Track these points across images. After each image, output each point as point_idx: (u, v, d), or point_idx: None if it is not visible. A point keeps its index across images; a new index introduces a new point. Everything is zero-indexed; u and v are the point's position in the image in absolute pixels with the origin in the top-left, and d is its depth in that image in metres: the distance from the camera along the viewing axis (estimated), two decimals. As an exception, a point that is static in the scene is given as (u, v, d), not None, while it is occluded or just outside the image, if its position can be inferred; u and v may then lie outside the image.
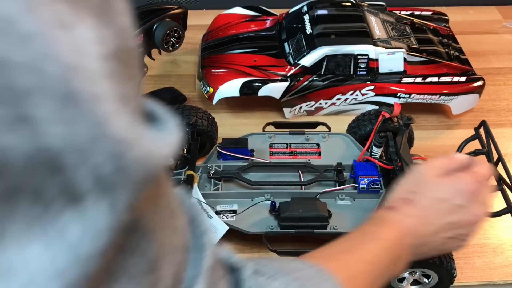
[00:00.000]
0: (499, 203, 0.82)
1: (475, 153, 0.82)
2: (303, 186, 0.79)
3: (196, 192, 0.75)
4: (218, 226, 0.74)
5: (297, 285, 0.37)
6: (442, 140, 1.00)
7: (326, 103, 1.01)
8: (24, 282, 0.19)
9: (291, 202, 0.74)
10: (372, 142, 0.81)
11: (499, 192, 0.75)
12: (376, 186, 0.77)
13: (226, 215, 0.76)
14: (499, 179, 0.76)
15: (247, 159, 0.82)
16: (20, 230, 0.19)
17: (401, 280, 0.73)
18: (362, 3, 1.09)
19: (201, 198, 0.75)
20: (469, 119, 1.04)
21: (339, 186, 0.79)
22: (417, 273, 0.72)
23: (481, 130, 0.83)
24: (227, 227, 0.74)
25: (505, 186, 0.75)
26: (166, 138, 0.23)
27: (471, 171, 0.55)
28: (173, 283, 0.27)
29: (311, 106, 1.01)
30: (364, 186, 0.77)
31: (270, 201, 0.76)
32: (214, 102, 0.98)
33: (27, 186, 0.18)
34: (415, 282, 0.74)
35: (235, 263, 0.35)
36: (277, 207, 0.75)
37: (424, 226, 0.51)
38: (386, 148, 0.81)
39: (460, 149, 0.84)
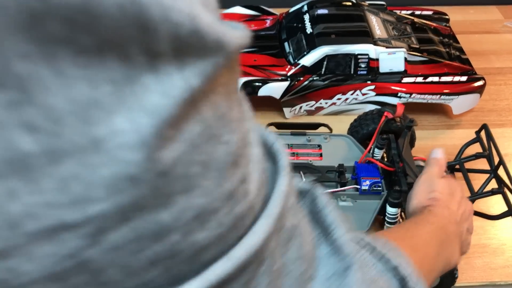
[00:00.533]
0: (500, 206, 0.82)
1: (476, 156, 0.82)
2: None
3: None
4: None
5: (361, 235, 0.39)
6: (442, 140, 1.00)
7: (326, 103, 1.00)
8: (112, 154, 0.19)
9: None
10: (374, 144, 0.81)
11: (500, 195, 0.75)
12: (378, 188, 0.77)
13: None
14: (500, 182, 0.76)
15: None
16: (108, 96, 0.18)
17: None
18: (363, 3, 1.09)
19: None
20: (469, 119, 1.04)
21: (340, 187, 0.79)
22: None
23: (482, 133, 0.83)
24: None
25: (506, 189, 0.75)
26: (239, 29, 0.24)
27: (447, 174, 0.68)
28: (260, 184, 0.27)
29: (311, 106, 1.01)
30: (366, 187, 0.77)
31: None
32: (214, 102, 0.98)
33: (115, 42, 0.18)
34: None
35: (305, 186, 0.36)
36: None
37: (454, 216, 0.60)
38: (388, 150, 0.81)
39: (461, 152, 0.84)
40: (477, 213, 0.78)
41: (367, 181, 0.77)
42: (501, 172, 0.77)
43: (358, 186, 0.78)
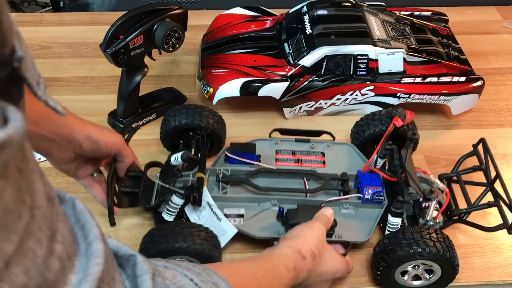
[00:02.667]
0: (494, 217, 0.83)
1: (474, 169, 0.83)
2: (308, 194, 0.80)
3: (206, 194, 0.76)
4: (227, 229, 0.75)
5: (188, 273, 0.43)
6: (441, 140, 1.00)
7: (326, 103, 1.01)
8: None
9: (299, 209, 0.75)
10: (378, 153, 0.82)
11: (496, 208, 0.77)
12: (380, 197, 0.78)
13: (233, 218, 0.77)
14: (496, 196, 0.77)
15: (254, 164, 0.83)
16: None
17: (404, 273, 0.74)
18: (362, 3, 1.09)
19: (211, 201, 0.75)
20: (468, 119, 1.04)
21: (343, 195, 0.80)
22: (420, 268, 0.73)
23: (480, 147, 0.83)
24: (236, 230, 0.75)
25: (501, 203, 0.76)
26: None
27: (348, 261, 0.73)
28: (56, 279, 0.29)
29: (311, 106, 1.01)
30: (369, 196, 0.78)
31: (278, 208, 0.77)
32: (214, 102, 0.98)
33: None
34: (418, 278, 0.75)
35: (126, 252, 0.39)
36: (284, 214, 0.76)
37: (312, 278, 0.68)
38: (390, 160, 0.82)
39: (458, 164, 0.85)
40: (473, 225, 0.80)
41: (370, 190, 0.78)
42: (497, 185, 0.78)
43: (361, 195, 0.79)
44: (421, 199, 0.78)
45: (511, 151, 0.97)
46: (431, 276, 0.73)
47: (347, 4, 1.06)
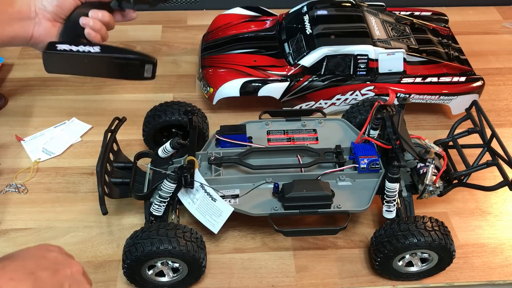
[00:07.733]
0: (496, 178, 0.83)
1: (468, 132, 0.83)
2: (303, 169, 0.80)
3: (198, 176, 0.75)
4: (223, 209, 0.74)
5: None
6: (441, 140, 1.00)
7: (326, 103, 1.01)
8: None
9: (295, 182, 0.75)
10: (369, 125, 0.82)
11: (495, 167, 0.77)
12: (376, 166, 0.78)
13: (229, 199, 0.76)
14: (494, 155, 0.78)
15: (246, 145, 0.83)
16: None
17: (402, 260, 0.75)
18: (362, 4, 1.09)
19: (204, 181, 0.75)
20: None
21: (339, 167, 0.79)
22: (417, 255, 0.74)
23: (473, 111, 0.84)
24: (232, 209, 0.74)
25: (500, 160, 0.77)
26: None
27: None
28: None
29: (311, 106, 1.01)
30: (365, 166, 0.78)
31: (273, 184, 0.77)
32: (214, 102, 0.98)
33: None
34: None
35: None
36: (280, 189, 0.76)
37: None
38: (383, 130, 0.82)
39: (452, 130, 0.85)
40: (474, 186, 0.80)
41: (365, 160, 0.78)
42: (494, 145, 0.78)
43: (357, 165, 0.79)
44: (418, 166, 0.78)
45: (511, 150, 0.97)
46: (427, 263, 0.75)
47: (347, 4, 1.06)
